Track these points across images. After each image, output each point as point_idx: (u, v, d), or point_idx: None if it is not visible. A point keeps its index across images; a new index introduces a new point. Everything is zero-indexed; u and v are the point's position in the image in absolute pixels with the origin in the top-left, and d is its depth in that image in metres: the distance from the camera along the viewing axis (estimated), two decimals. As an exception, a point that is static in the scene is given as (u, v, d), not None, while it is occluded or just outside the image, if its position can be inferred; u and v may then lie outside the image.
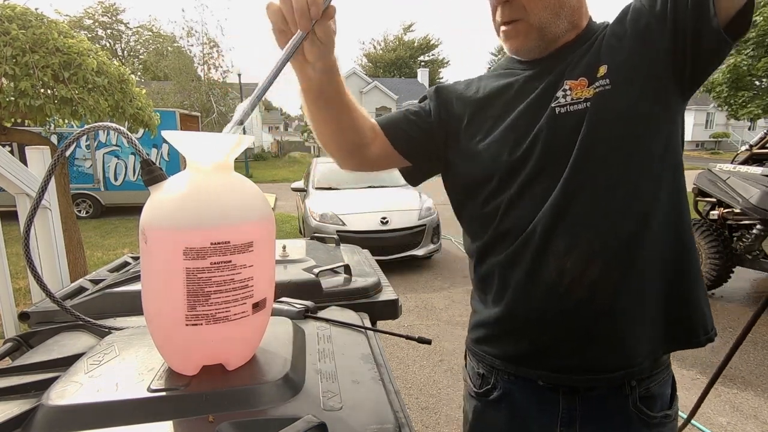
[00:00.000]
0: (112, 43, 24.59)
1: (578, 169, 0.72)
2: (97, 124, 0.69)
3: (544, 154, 0.74)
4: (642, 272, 0.72)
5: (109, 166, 9.16)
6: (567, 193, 0.72)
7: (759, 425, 2.27)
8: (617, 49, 0.73)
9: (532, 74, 0.80)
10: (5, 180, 1.27)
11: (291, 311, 0.88)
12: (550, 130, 0.74)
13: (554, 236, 0.73)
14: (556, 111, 0.74)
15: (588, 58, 0.75)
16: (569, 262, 0.72)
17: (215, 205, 0.57)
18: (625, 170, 0.72)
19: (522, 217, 0.76)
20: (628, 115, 0.71)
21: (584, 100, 0.72)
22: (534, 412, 0.81)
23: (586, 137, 0.71)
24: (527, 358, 0.79)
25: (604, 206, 0.72)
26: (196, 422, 0.53)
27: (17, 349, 0.84)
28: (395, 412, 0.58)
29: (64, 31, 2.92)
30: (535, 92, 0.77)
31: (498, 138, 0.78)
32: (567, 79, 0.75)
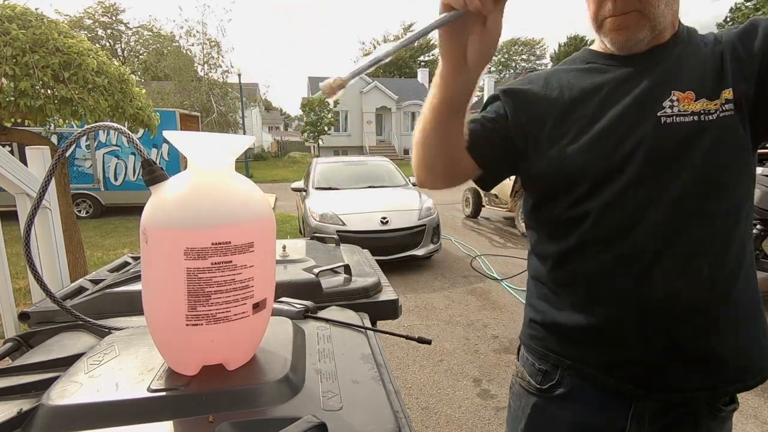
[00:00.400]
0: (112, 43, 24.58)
1: (691, 192, 0.71)
2: (98, 124, 0.69)
3: (646, 163, 0.72)
4: (737, 301, 0.73)
5: (109, 166, 9.16)
6: (681, 214, 0.71)
7: (759, 425, 2.27)
8: (744, 78, 0.71)
9: (626, 74, 0.77)
10: (5, 180, 1.27)
11: (291, 311, 0.88)
12: (655, 140, 0.72)
13: (664, 257, 0.71)
14: (662, 120, 0.72)
15: (702, 73, 0.73)
16: (680, 283, 0.71)
17: (216, 205, 0.57)
18: (735, 199, 0.72)
19: (617, 226, 0.73)
20: (743, 145, 0.72)
21: (691, 113, 0.71)
22: (603, 410, 0.79)
23: (700, 159, 0.70)
24: (609, 367, 0.77)
25: (718, 233, 0.71)
26: (196, 422, 0.53)
27: (17, 349, 0.84)
28: (395, 412, 0.58)
29: (64, 31, 2.92)
30: (633, 95, 0.75)
31: (590, 142, 0.75)
32: (674, 89, 0.72)
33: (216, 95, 19.15)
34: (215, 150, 0.59)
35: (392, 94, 26.31)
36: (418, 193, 5.82)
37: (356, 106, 26.18)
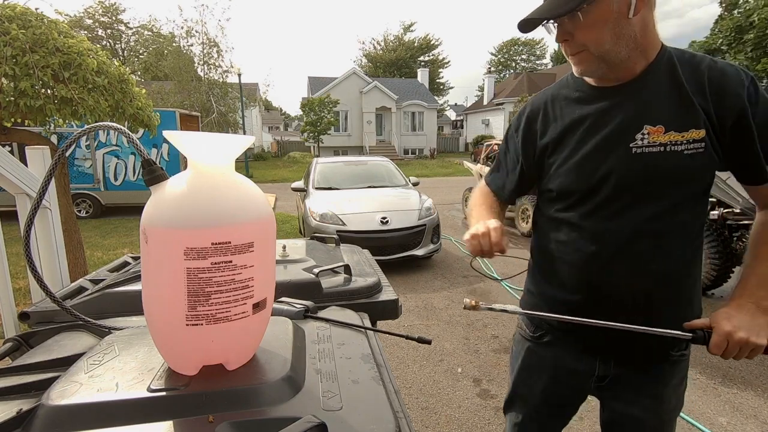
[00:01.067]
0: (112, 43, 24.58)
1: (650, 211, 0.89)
2: (98, 124, 0.69)
3: (616, 186, 0.90)
4: (677, 292, 0.94)
5: (109, 166, 9.16)
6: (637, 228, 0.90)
7: (759, 425, 2.27)
8: (714, 126, 0.85)
9: (605, 106, 0.93)
10: (5, 180, 1.27)
11: (291, 311, 0.88)
12: (625, 167, 0.89)
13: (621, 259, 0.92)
14: (632, 150, 0.89)
15: (673, 108, 0.86)
16: (632, 279, 0.92)
17: (216, 205, 0.57)
18: (690, 217, 0.91)
19: (590, 232, 0.95)
20: (703, 175, 0.88)
21: (659, 144, 0.86)
22: (578, 353, 1.04)
23: (662, 184, 0.88)
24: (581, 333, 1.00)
25: (665, 245, 0.90)
26: (196, 422, 0.53)
27: (17, 349, 0.84)
28: (395, 412, 0.58)
29: (64, 31, 2.92)
30: (610, 128, 0.91)
31: (576, 165, 0.95)
32: (647, 123, 0.88)
33: (216, 95, 19.14)
34: (215, 150, 0.59)
35: (392, 94, 26.30)
36: (418, 193, 5.82)
37: (356, 106, 26.18)
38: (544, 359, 1.11)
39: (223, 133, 0.61)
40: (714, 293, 4.26)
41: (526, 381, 1.16)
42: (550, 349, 1.10)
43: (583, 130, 0.94)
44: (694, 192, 0.89)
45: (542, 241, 1.07)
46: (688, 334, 0.84)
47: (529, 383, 1.15)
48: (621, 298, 0.93)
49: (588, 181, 0.93)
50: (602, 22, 0.82)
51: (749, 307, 0.83)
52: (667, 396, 1.01)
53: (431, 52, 42.21)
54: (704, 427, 2.24)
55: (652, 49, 0.89)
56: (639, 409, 1.02)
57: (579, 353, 1.04)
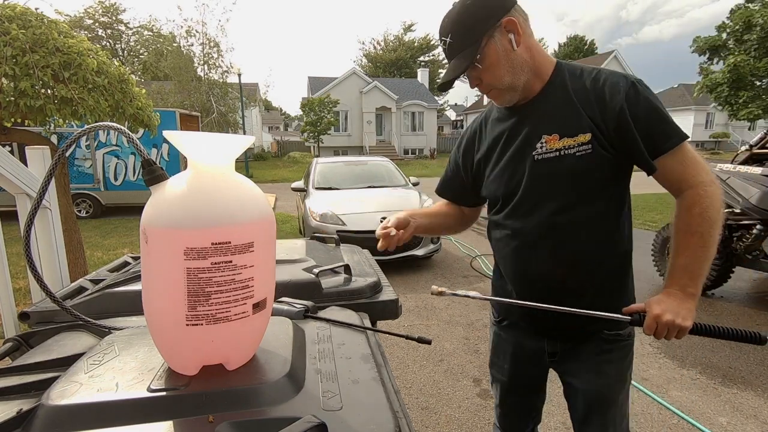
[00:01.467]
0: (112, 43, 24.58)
1: (557, 206, 1.04)
2: (98, 124, 0.69)
3: (527, 189, 1.07)
4: (593, 277, 1.08)
5: (109, 166, 9.16)
6: (548, 222, 1.05)
7: (759, 425, 2.27)
8: (600, 129, 0.99)
9: (515, 123, 1.09)
10: (5, 180, 1.27)
11: (291, 311, 0.88)
12: (531, 172, 1.05)
13: (538, 249, 1.08)
14: (535, 158, 1.05)
15: (565, 117, 1.01)
16: (548, 266, 1.08)
17: (216, 205, 0.57)
18: (595, 207, 1.03)
19: (512, 229, 1.12)
20: (599, 169, 1.00)
21: (555, 150, 1.02)
22: (531, 333, 1.21)
23: (563, 182, 1.02)
24: (523, 315, 1.20)
25: (576, 234, 1.04)
26: (196, 422, 0.53)
27: (17, 349, 0.84)
28: (395, 412, 0.58)
29: (64, 31, 2.92)
30: (518, 141, 1.08)
31: (497, 175, 1.14)
32: (544, 134, 1.03)
33: (216, 95, 19.13)
34: (215, 150, 0.59)
35: (392, 94, 26.29)
36: (418, 193, 5.82)
37: (356, 106, 26.16)
38: (507, 340, 1.28)
39: (223, 133, 0.61)
40: (714, 293, 4.26)
41: (496, 361, 1.34)
42: (510, 330, 1.27)
43: (502, 144, 1.12)
44: (591, 186, 1.02)
45: (491, 242, 1.25)
46: (627, 317, 0.97)
47: (498, 363, 1.33)
48: (544, 284, 1.09)
49: (506, 187, 1.11)
50: (496, 63, 0.99)
51: (677, 293, 0.95)
52: (604, 371, 1.14)
53: (431, 52, 42.18)
54: (704, 427, 2.24)
55: (545, 68, 1.05)
56: (580, 381, 1.17)
57: (532, 334, 1.21)
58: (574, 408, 1.22)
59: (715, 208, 0.95)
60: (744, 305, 3.99)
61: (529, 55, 1.02)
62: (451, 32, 1.00)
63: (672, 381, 2.70)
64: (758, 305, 3.99)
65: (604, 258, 1.07)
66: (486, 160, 1.18)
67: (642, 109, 0.97)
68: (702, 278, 0.96)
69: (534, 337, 1.21)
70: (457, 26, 1.00)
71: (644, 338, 3.30)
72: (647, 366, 2.89)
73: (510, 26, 0.98)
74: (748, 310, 3.86)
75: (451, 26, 1.00)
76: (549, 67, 1.06)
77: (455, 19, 1.00)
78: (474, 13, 0.98)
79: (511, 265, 1.15)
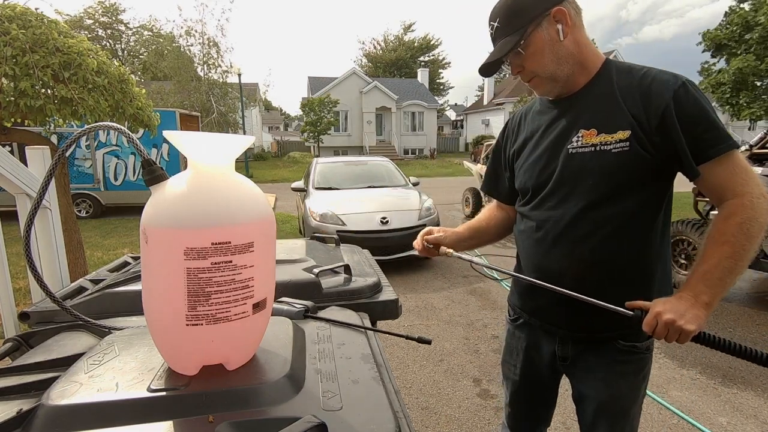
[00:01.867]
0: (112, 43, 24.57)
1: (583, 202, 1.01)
2: (98, 124, 0.69)
3: (557, 181, 1.06)
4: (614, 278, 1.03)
5: (109, 166, 9.15)
6: (573, 216, 1.03)
7: (759, 425, 2.27)
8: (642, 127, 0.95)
9: (554, 117, 1.09)
10: (5, 180, 1.27)
11: (291, 311, 0.88)
12: (564, 165, 1.04)
13: (559, 244, 1.06)
14: (569, 151, 1.03)
15: (606, 113, 0.99)
16: (566, 262, 1.05)
17: (216, 205, 0.57)
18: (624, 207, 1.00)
19: (537, 221, 1.11)
20: (635, 169, 0.97)
21: (591, 145, 1.00)
22: (543, 333, 1.20)
23: (595, 178, 1.00)
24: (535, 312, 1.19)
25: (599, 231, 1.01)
26: (196, 422, 0.53)
27: (17, 349, 0.84)
28: (395, 412, 0.58)
29: (64, 31, 2.92)
30: (554, 134, 1.07)
31: (530, 166, 1.13)
32: (581, 128, 1.02)
33: (216, 95, 19.12)
34: (215, 150, 0.59)
35: (392, 94, 26.27)
36: (418, 193, 5.82)
37: (356, 106, 26.15)
38: (520, 339, 1.27)
39: (223, 133, 0.61)
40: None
41: (508, 360, 1.32)
42: (523, 329, 1.25)
43: (538, 136, 1.12)
44: (623, 186, 0.98)
45: (515, 233, 1.24)
46: (629, 311, 0.92)
47: (509, 362, 1.31)
48: (563, 280, 1.04)
49: (538, 179, 1.10)
50: (541, 51, 0.99)
51: (688, 298, 0.90)
52: (615, 382, 1.10)
53: (431, 52, 42.18)
54: (704, 427, 2.24)
55: (593, 63, 1.03)
56: (590, 389, 1.14)
57: (543, 334, 1.19)
58: (582, 414, 1.19)
59: (758, 222, 0.88)
60: (744, 305, 3.99)
61: (577, 49, 1.00)
62: (500, 17, 1.01)
63: (672, 381, 2.70)
64: (758, 305, 3.99)
65: (627, 262, 1.03)
66: (521, 150, 1.17)
67: (690, 109, 0.93)
68: (721, 290, 0.89)
69: (546, 337, 1.19)
70: (505, 11, 1.00)
71: (644, 338, 3.31)
72: (647, 366, 2.89)
73: (559, 16, 0.97)
74: (748, 310, 3.86)
75: (501, 11, 1.01)
76: (597, 63, 1.04)
77: (506, 4, 1.00)
78: (525, 0, 0.98)
79: (531, 257, 1.13)
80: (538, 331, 1.21)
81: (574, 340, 1.14)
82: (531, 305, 1.19)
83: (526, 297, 1.21)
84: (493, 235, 1.33)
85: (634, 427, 1.16)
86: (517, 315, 1.27)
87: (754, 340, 3.26)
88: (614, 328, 1.06)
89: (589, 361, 1.12)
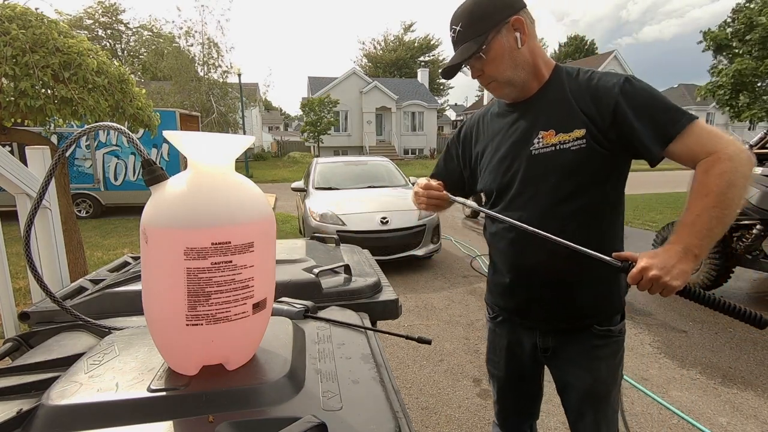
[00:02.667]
0: (112, 43, 24.57)
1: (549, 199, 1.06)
2: (98, 124, 0.68)
3: (521, 182, 1.10)
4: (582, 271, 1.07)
5: (109, 166, 9.15)
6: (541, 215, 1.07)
7: (759, 425, 2.27)
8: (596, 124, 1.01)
9: (513, 119, 1.14)
10: (5, 180, 1.27)
11: (291, 311, 0.88)
12: (527, 166, 1.09)
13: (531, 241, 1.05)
14: (532, 153, 1.08)
15: (561, 114, 1.05)
16: (540, 258, 1.09)
17: (216, 205, 0.57)
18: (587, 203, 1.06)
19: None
20: (594, 165, 1.03)
21: (551, 145, 1.05)
22: (523, 328, 1.24)
23: (557, 176, 1.05)
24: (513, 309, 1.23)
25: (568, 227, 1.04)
26: (196, 422, 0.53)
27: (17, 349, 0.84)
28: (395, 412, 0.58)
29: (64, 31, 2.92)
30: (516, 136, 1.12)
31: (493, 167, 1.17)
32: (541, 130, 1.07)
33: (216, 95, 19.13)
34: (215, 150, 0.59)
35: (392, 94, 26.26)
36: (418, 193, 5.81)
37: (356, 106, 26.14)
38: (501, 336, 1.30)
39: (223, 133, 0.61)
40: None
41: (492, 357, 1.36)
42: (504, 326, 1.29)
43: (499, 139, 1.17)
44: (585, 181, 1.04)
45: (486, 236, 1.27)
46: (617, 262, 0.93)
47: (494, 359, 1.35)
48: (539, 275, 1.11)
49: (502, 180, 1.14)
50: (500, 57, 1.04)
51: (677, 250, 0.89)
52: (596, 368, 1.15)
53: (431, 52, 42.16)
54: (704, 427, 2.24)
55: (545, 69, 1.09)
56: (573, 377, 1.19)
57: (524, 329, 1.23)
58: (567, 403, 1.24)
59: (740, 172, 0.88)
60: (744, 305, 3.99)
61: (531, 56, 1.07)
62: (462, 21, 1.06)
63: (672, 381, 2.70)
64: (758, 305, 3.99)
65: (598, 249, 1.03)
66: (483, 153, 1.22)
67: (640, 99, 0.98)
68: (710, 239, 0.89)
69: (527, 332, 1.23)
70: (468, 16, 1.05)
71: (644, 338, 3.30)
72: (647, 366, 2.89)
73: (517, 25, 1.03)
74: (748, 310, 3.86)
75: (463, 16, 1.06)
76: (549, 68, 1.10)
77: (468, 10, 1.05)
78: (486, 7, 1.03)
79: (507, 257, 1.18)
80: (518, 327, 1.25)
81: (554, 332, 1.19)
82: (510, 303, 1.23)
83: (505, 296, 1.24)
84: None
85: (615, 410, 1.21)
86: (496, 313, 1.31)
87: (755, 339, 3.26)
88: (590, 314, 1.13)
89: (569, 351, 1.17)
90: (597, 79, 1.04)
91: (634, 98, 0.98)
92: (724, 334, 3.37)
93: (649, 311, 3.87)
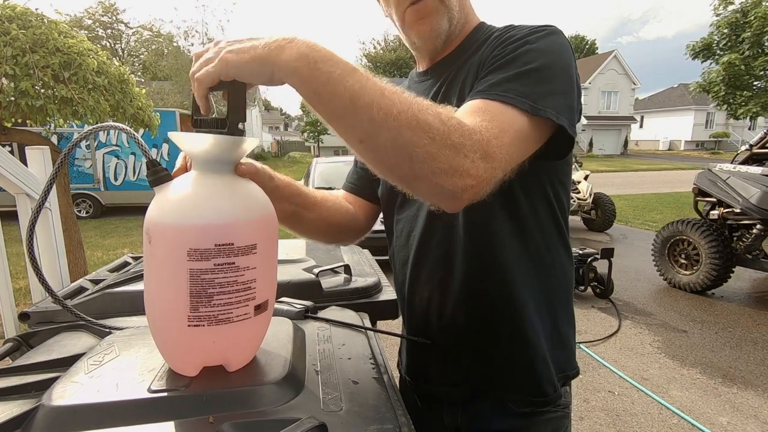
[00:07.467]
0: (112, 43, 24.56)
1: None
2: (105, 124, 0.68)
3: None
4: (479, 307, 0.80)
5: (109, 166, 9.16)
6: (429, 233, 0.84)
7: (759, 425, 2.27)
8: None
9: (423, 89, 0.84)
10: (5, 180, 1.27)
11: (291, 311, 0.88)
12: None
13: (417, 264, 0.87)
14: None
15: (458, 87, 0.76)
16: (426, 290, 0.86)
17: (220, 206, 0.57)
18: (486, 214, 0.75)
19: (398, 240, 0.97)
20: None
21: None
22: (425, 399, 0.94)
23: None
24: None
25: (455, 252, 0.80)
26: (196, 423, 0.53)
27: (17, 349, 0.84)
28: (396, 412, 0.58)
29: (64, 31, 2.92)
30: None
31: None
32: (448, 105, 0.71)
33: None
34: (220, 152, 0.59)
35: (392, 94, 26.19)
36: (418, 193, 5.80)
37: (356, 106, 26.05)
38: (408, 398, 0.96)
39: (223, 133, 0.61)
40: (714, 293, 4.26)
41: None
42: (406, 391, 0.98)
43: None
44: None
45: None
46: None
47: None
48: (430, 317, 0.85)
49: (385, 184, 0.94)
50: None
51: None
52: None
53: (431, 52, 42.11)
54: (704, 427, 2.24)
55: (469, 24, 0.82)
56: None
57: (426, 400, 0.93)
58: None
59: (436, 139, 0.53)
60: (744, 305, 3.99)
61: (468, 7, 0.83)
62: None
63: (672, 381, 2.70)
64: (758, 305, 3.99)
65: (508, 271, 0.77)
66: None
67: (506, 44, 0.68)
68: (331, 88, 0.55)
69: (430, 405, 0.91)
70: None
71: (644, 338, 3.30)
72: (647, 366, 2.90)
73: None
74: (748, 310, 3.87)
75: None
76: (473, 23, 0.83)
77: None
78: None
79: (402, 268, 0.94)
80: (419, 393, 0.95)
81: (456, 401, 0.86)
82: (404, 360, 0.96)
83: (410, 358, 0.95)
84: (320, 221, 0.98)
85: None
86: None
87: (755, 339, 3.26)
88: (497, 379, 0.81)
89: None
90: (507, 33, 0.73)
91: (505, 44, 0.69)
92: (724, 333, 3.37)
93: (649, 311, 3.88)
